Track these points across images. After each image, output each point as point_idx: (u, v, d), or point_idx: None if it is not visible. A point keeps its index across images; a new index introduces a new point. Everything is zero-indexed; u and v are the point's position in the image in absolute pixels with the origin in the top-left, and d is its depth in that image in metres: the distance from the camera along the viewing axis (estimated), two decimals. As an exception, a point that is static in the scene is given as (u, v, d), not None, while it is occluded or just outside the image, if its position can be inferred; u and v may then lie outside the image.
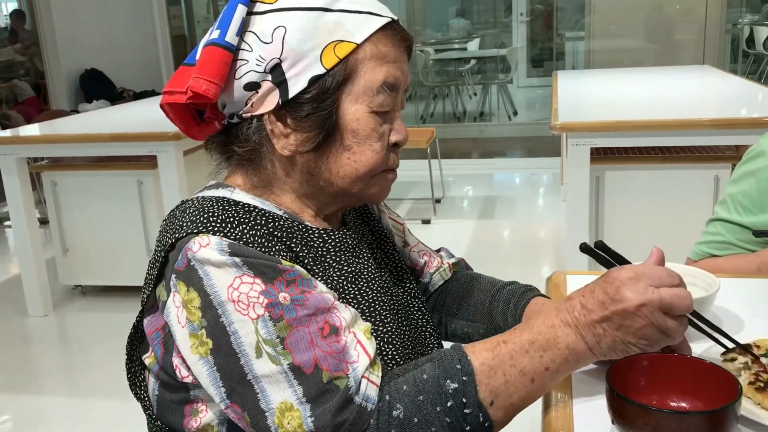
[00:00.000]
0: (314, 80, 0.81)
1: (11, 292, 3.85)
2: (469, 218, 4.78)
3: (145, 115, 3.97)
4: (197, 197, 0.86)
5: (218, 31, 0.82)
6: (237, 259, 0.76)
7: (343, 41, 0.82)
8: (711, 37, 6.03)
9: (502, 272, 3.74)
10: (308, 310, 0.75)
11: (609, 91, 3.84)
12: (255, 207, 0.85)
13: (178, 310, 0.77)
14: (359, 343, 0.76)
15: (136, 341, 0.88)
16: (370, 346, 0.77)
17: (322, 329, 0.74)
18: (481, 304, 1.03)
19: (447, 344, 1.03)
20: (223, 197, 0.85)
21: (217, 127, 0.88)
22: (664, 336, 0.74)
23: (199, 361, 0.76)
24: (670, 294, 0.73)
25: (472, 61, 8.75)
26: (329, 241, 0.89)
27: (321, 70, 0.81)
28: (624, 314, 0.73)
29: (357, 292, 0.88)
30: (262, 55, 0.82)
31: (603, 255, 0.87)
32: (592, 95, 3.77)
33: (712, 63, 5.56)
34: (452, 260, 1.12)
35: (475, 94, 8.85)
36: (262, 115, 0.84)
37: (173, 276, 0.78)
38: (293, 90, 0.82)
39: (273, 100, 0.83)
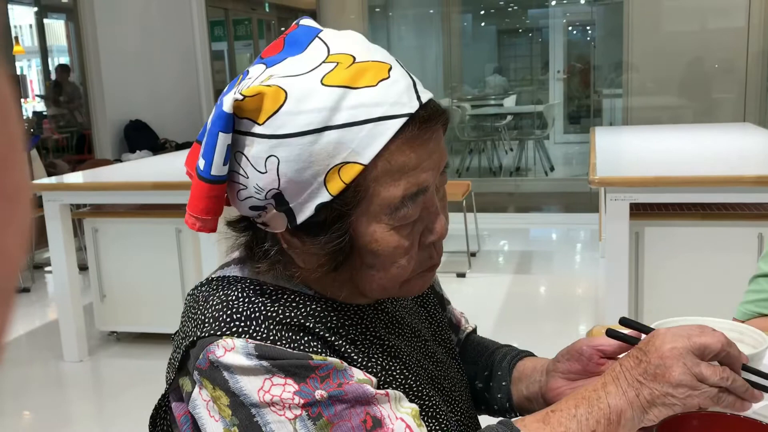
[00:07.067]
0: (321, 207, 0.72)
1: (48, 336, 3.89)
2: (504, 272, 4.72)
3: (186, 165, 4.05)
4: (222, 278, 0.81)
5: (203, 161, 0.74)
6: (265, 363, 0.71)
7: (347, 162, 0.71)
8: (752, 95, 5.98)
9: (537, 328, 3.72)
10: (347, 404, 0.71)
11: (648, 147, 3.81)
12: (285, 290, 0.79)
13: (207, 404, 0.74)
14: (408, 429, 0.73)
15: (159, 419, 0.86)
16: None
17: (365, 422, 0.71)
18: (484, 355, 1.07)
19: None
20: (249, 280, 0.80)
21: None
22: (702, 385, 0.73)
23: None
24: (701, 337, 0.75)
25: (509, 117, 8.79)
26: (365, 317, 0.84)
27: (327, 197, 0.72)
28: (657, 362, 0.74)
29: (403, 367, 0.84)
30: (259, 185, 0.73)
31: (635, 326, 0.88)
32: (630, 151, 3.74)
33: (754, 121, 5.50)
34: (471, 326, 1.13)
35: (512, 149, 8.86)
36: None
37: (196, 373, 0.74)
38: (300, 217, 0.74)
39: (282, 222, 0.75)
